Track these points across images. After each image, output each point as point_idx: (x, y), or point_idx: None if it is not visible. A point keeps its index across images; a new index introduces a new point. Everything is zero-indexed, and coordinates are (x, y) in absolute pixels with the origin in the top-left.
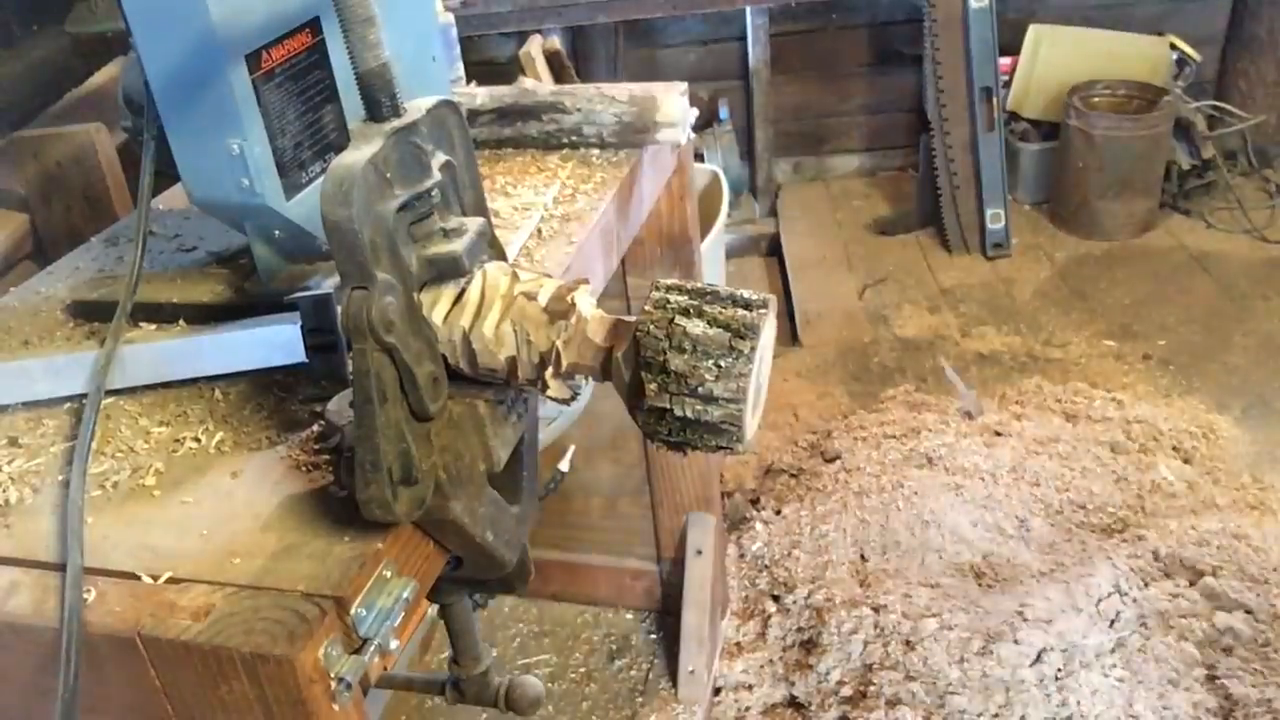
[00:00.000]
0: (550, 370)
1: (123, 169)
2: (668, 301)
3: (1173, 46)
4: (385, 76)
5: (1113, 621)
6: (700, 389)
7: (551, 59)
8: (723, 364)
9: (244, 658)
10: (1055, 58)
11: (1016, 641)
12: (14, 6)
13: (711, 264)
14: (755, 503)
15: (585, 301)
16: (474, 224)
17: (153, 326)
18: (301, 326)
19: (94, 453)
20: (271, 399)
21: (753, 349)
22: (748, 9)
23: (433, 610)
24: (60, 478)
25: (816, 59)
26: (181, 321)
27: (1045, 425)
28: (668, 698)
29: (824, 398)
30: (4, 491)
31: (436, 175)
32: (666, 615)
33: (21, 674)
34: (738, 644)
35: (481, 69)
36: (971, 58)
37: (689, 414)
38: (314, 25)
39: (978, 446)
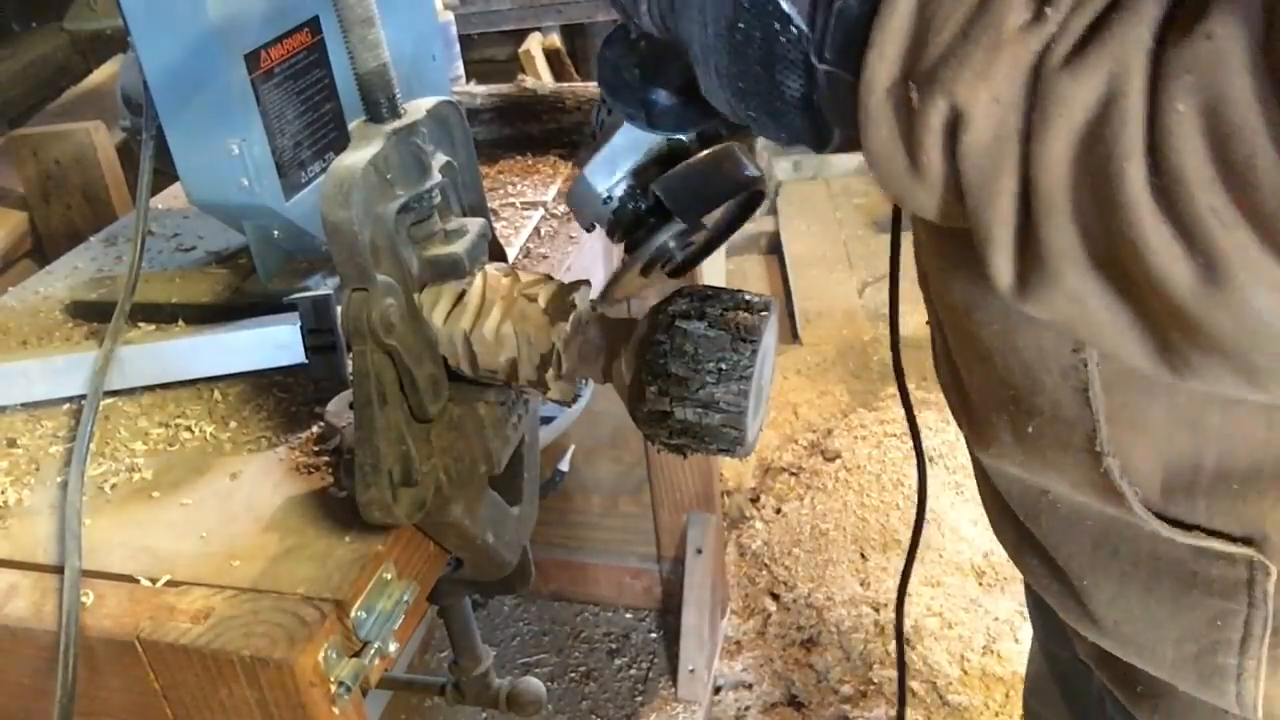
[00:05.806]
0: (551, 372)
1: (121, 168)
2: (668, 303)
3: None
4: (385, 77)
5: None
6: (700, 392)
7: (551, 57)
8: (723, 367)
9: (243, 661)
10: None
11: (1017, 640)
12: (12, 3)
13: (711, 262)
14: (755, 501)
15: (586, 302)
16: (475, 225)
17: (151, 327)
18: (301, 327)
19: (92, 454)
20: (271, 400)
21: (754, 352)
22: None
23: (432, 610)
24: (59, 479)
25: None
26: (180, 322)
27: None
28: (667, 697)
29: (824, 396)
30: (2, 493)
31: (437, 176)
32: (666, 614)
33: (19, 677)
34: (738, 642)
35: (481, 67)
36: None
37: (689, 417)
38: (313, 24)
39: None
